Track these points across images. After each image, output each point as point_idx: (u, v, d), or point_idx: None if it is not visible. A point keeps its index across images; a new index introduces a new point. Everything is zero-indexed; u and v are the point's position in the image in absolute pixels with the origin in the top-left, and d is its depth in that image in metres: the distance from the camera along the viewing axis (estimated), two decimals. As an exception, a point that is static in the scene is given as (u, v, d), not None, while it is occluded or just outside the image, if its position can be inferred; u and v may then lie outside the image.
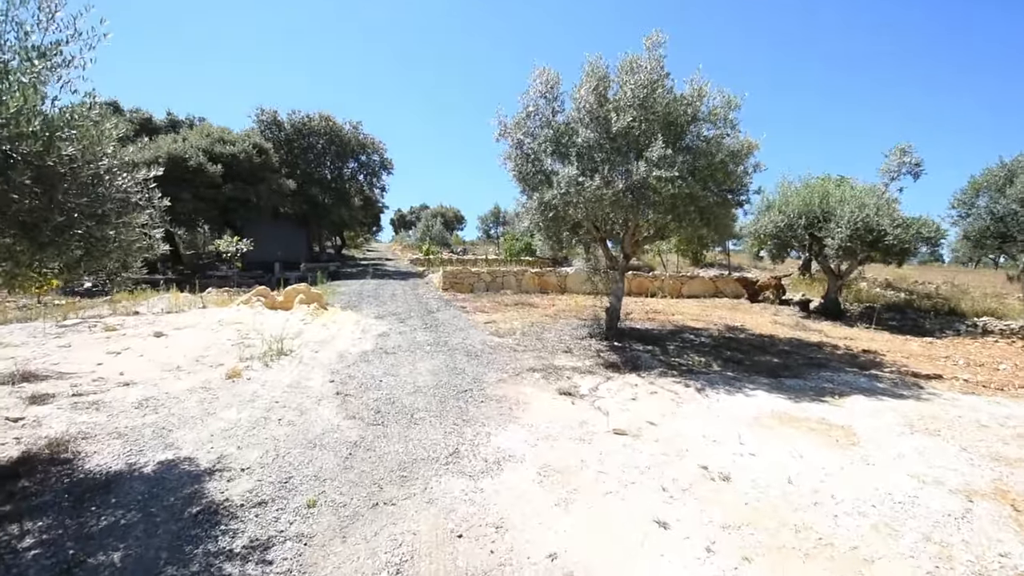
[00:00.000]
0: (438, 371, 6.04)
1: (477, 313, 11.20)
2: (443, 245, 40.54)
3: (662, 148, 6.34)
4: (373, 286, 16.23)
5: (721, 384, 6.07)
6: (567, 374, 6.29)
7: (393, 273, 22.25)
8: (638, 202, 6.85)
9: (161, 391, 4.83)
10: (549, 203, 7.27)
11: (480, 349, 7.41)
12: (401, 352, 7.01)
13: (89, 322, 8.42)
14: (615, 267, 8.79)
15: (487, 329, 9.16)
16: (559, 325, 9.84)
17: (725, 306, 14.48)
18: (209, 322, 8.61)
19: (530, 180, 7.89)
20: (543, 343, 8.10)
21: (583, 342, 8.27)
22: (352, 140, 24.82)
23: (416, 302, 12.50)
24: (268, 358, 6.23)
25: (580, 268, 16.44)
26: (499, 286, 15.35)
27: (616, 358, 7.27)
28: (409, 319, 9.94)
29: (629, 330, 9.40)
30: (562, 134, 7.56)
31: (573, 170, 6.79)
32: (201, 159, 16.68)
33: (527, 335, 8.71)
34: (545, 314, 11.32)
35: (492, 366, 6.45)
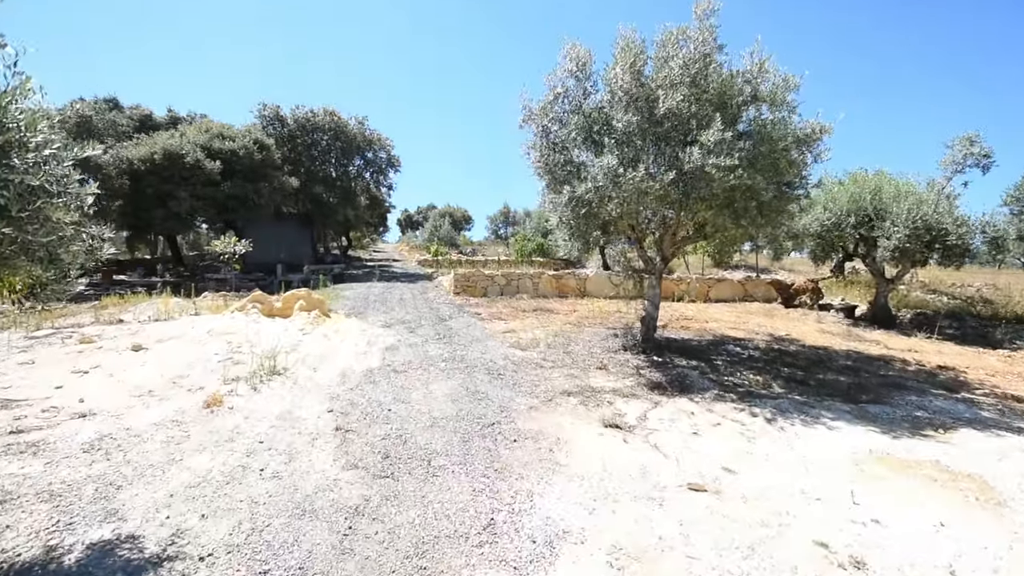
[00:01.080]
0: (457, 396, 5.16)
1: (493, 320, 10.32)
2: (451, 246, 39.74)
3: (720, 131, 5.42)
4: (380, 290, 15.41)
5: (793, 412, 5.14)
6: (607, 398, 5.39)
7: (400, 275, 21.44)
8: (687, 196, 5.93)
9: (122, 426, 3.99)
10: (581, 198, 6.37)
11: (502, 366, 6.52)
12: (412, 370, 6.14)
13: (64, 332, 7.65)
14: (651, 271, 7.87)
15: (507, 340, 8.27)
16: (586, 335, 8.94)
17: (760, 312, 13.50)
18: (197, 333, 7.80)
19: (558, 172, 7.01)
20: (572, 357, 7.21)
21: (617, 356, 7.36)
22: (358, 136, 24.03)
23: (426, 308, 11.64)
24: (258, 379, 5.38)
25: (600, 271, 15.53)
26: (514, 290, 14.47)
27: (660, 376, 6.36)
28: (419, 328, 9.08)
29: (666, 341, 8.47)
30: (595, 120, 6.66)
31: (611, 159, 5.89)
32: (199, 155, 15.96)
33: (553, 347, 7.82)
34: (568, 322, 10.42)
35: (519, 388, 5.56)
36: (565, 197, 6.50)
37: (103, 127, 16.84)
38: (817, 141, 6.00)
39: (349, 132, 23.77)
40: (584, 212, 6.44)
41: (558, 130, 7.13)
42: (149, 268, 23.43)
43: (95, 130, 16.39)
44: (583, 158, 7.05)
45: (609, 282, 15.24)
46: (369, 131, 24.81)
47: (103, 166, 14.85)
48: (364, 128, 24.66)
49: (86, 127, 16.14)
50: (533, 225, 38.55)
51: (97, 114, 16.96)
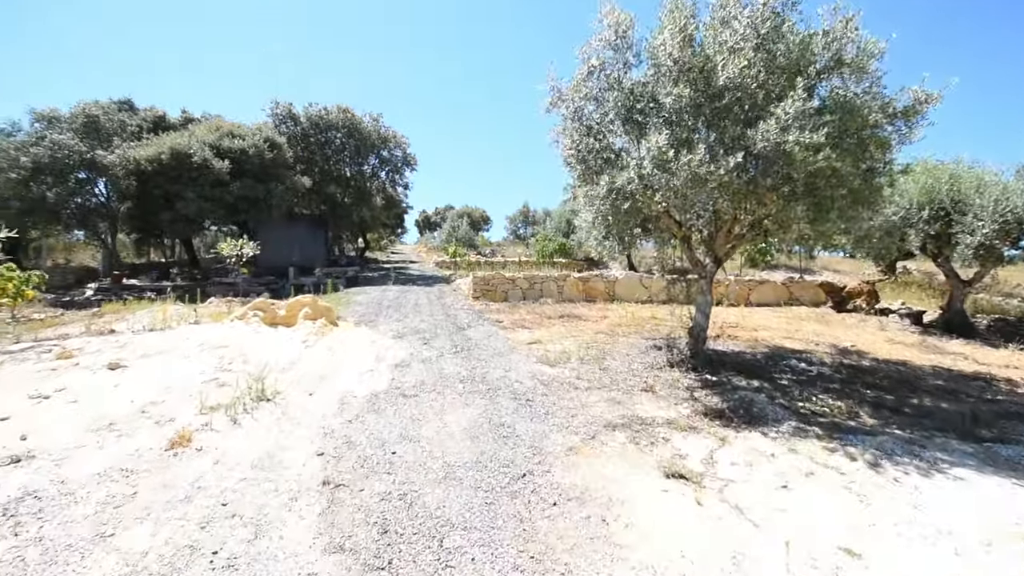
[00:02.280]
0: (477, 430, 4.26)
1: (516, 329, 9.42)
2: (470, 247, 39.00)
3: (802, 100, 4.42)
4: (394, 294, 14.66)
5: (900, 453, 4.10)
6: (662, 433, 4.43)
7: (417, 278, 20.71)
8: (755, 183, 4.93)
9: (58, 477, 3.20)
10: (622, 189, 5.42)
11: (530, 387, 5.61)
12: (424, 394, 5.26)
13: (44, 346, 7.00)
14: (701, 274, 6.86)
15: (533, 353, 7.35)
16: (622, 347, 7.96)
17: (811, 317, 12.29)
18: (189, 346, 7.07)
19: (592, 160, 6.07)
20: (611, 376, 6.25)
21: (663, 374, 6.38)
22: (372, 134, 23.39)
23: (443, 315, 10.80)
24: (241, 407, 4.57)
25: (630, 273, 14.50)
26: (538, 294, 13.54)
27: (719, 402, 5.36)
28: (435, 339, 8.22)
29: (716, 355, 7.43)
30: (638, 96, 5.70)
31: (660, 140, 4.92)
32: (207, 154, 15.44)
33: (586, 363, 6.88)
34: (599, 330, 9.46)
35: (552, 419, 4.63)
36: (603, 189, 5.55)
37: (111, 127, 16.50)
38: (918, 115, 4.93)
39: (363, 130, 23.15)
40: (626, 206, 5.47)
41: (593, 111, 6.20)
42: (163, 272, 23.22)
43: (103, 130, 16.06)
44: (623, 143, 6.12)
45: (640, 285, 14.21)
46: (384, 128, 24.16)
47: (109, 167, 14.46)
48: (379, 125, 24.02)
49: (93, 127, 15.83)
50: (554, 224, 37.58)
51: (105, 114, 16.63)
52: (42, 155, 14.01)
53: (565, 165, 7.22)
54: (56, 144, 14.25)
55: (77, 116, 15.74)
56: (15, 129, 16.01)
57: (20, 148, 14.18)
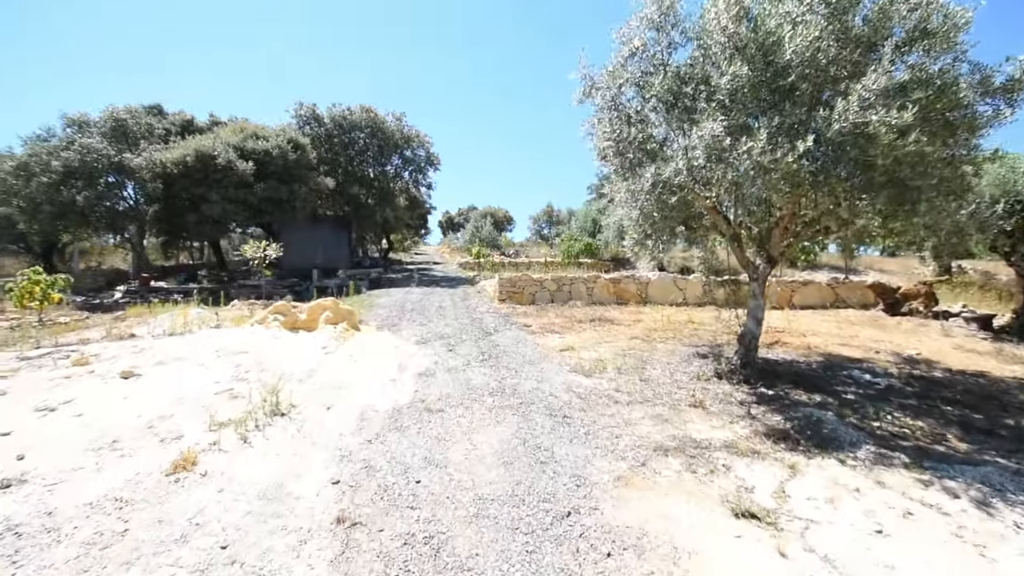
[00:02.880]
0: (511, 454, 3.80)
1: (546, 334, 8.94)
2: (493, 247, 38.66)
3: (887, 74, 3.83)
4: (418, 296, 14.34)
5: (1014, 490, 3.48)
6: (721, 459, 3.90)
7: (441, 279, 20.40)
8: (827, 172, 4.34)
9: (45, 507, 2.88)
10: (669, 182, 4.90)
11: (566, 402, 5.13)
12: (451, 408, 4.83)
13: (63, 351, 6.85)
14: (753, 275, 6.26)
15: (565, 361, 6.87)
16: (661, 354, 7.41)
17: (863, 321, 11.45)
18: (206, 352, 6.83)
19: (632, 152, 5.57)
20: (653, 388, 5.72)
21: (711, 386, 5.82)
22: (396, 133, 23.20)
23: (468, 318, 10.39)
24: (253, 423, 4.22)
25: (663, 274, 13.86)
26: (566, 296, 13.02)
27: (780, 420, 4.78)
28: (460, 345, 7.80)
29: (766, 363, 6.81)
30: (685, 79, 5.16)
31: (714, 126, 4.38)
32: (231, 156, 15.43)
33: (624, 372, 6.35)
34: (634, 336, 8.91)
35: (594, 441, 4.14)
36: (646, 182, 5.04)
37: (139, 131, 16.69)
38: (1021, 91, 4.27)
39: (387, 130, 22.98)
40: (673, 201, 4.94)
41: (632, 98, 5.69)
42: (191, 274, 23.52)
43: (131, 134, 16.24)
44: (666, 132, 5.59)
45: (674, 287, 13.54)
46: (407, 128, 23.96)
47: (136, 170, 14.56)
48: (402, 125, 23.83)
49: (121, 131, 16.02)
50: (579, 224, 36.93)
51: (133, 118, 16.84)
52: (72, 159, 14.21)
53: (599, 159, 6.74)
54: (85, 148, 14.44)
55: (106, 120, 15.96)
56: (50, 135, 16.35)
57: (52, 153, 14.42)
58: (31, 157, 14.33)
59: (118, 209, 15.71)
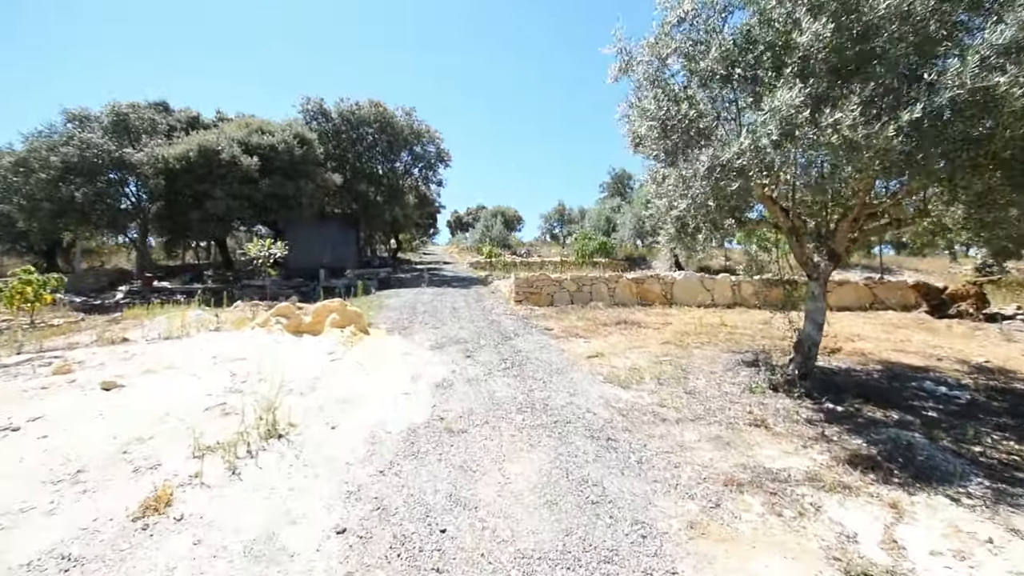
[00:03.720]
0: (554, 490, 3.15)
1: (570, 338, 8.28)
2: (504, 246, 38.05)
3: (1018, 26, 3.13)
4: (429, 297, 13.72)
5: None
6: (807, 495, 3.22)
7: (452, 279, 19.79)
8: (925, 150, 3.64)
9: (-28, 569, 2.27)
10: (729, 165, 4.21)
11: (606, 419, 4.47)
12: (474, 428, 4.19)
13: (46, 357, 6.31)
14: (813, 274, 5.55)
15: (597, 370, 6.21)
16: (700, 362, 6.72)
17: (908, 324, 10.66)
18: (202, 358, 6.25)
19: (679, 133, 4.89)
20: (701, 402, 5.05)
21: (769, 400, 5.13)
22: (405, 128, 22.62)
23: (484, 321, 9.75)
24: (245, 447, 3.61)
25: (689, 273, 13.13)
26: (586, 297, 12.34)
27: (861, 444, 4.09)
28: (479, 350, 7.17)
29: (822, 373, 6.10)
30: (748, 44, 4.47)
31: (791, 96, 3.69)
32: (235, 151, 14.92)
33: (665, 383, 5.68)
34: (664, 340, 8.22)
35: (650, 471, 3.48)
36: (701, 167, 4.36)
37: (141, 126, 16.24)
38: None
39: (396, 125, 22.41)
40: (735, 187, 4.25)
41: (678, 71, 5.02)
42: (197, 274, 23.13)
43: (133, 129, 15.80)
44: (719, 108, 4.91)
45: (701, 287, 12.82)
46: (417, 123, 23.36)
47: (137, 165, 14.10)
48: (412, 120, 23.24)
49: (123, 126, 15.58)
50: (592, 223, 36.23)
51: (135, 113, 16.41)
52: (71, 154, 13.77)
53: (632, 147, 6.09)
54: (85, 143, 14.01)
55: (107, 115, 15.53)
56: (52, 131, 15.96)
57: (51, 148, 14.00)
58: (30, 153, 13.93)
59: (119, 207, 15.28)
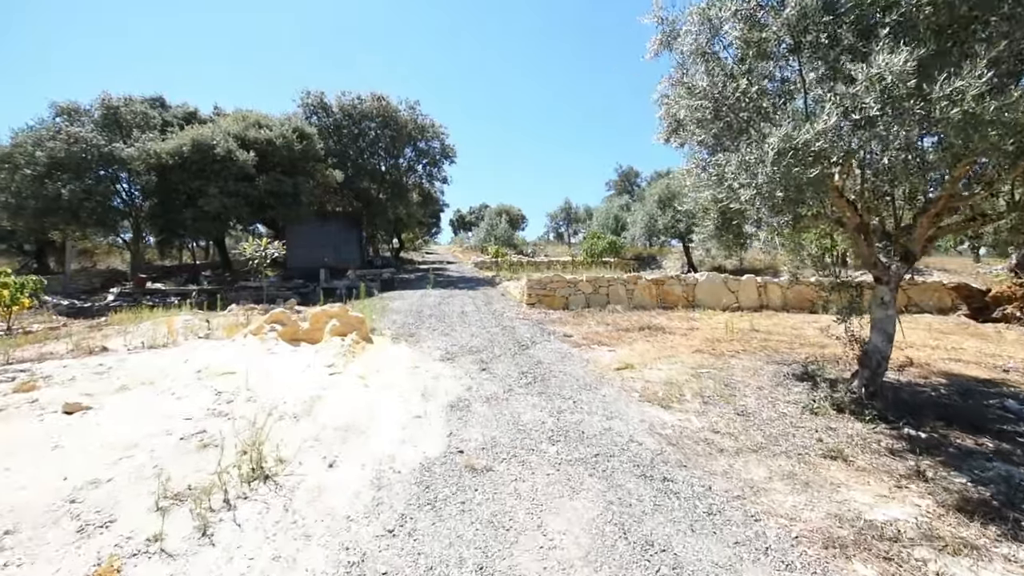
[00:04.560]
0: (613, 560, 2.48)
1: (592, 346, 7.61)
2: (509, 246, 37.37)
3: None
4: (435, 299, 13.06)
5: None
6: (930, 562, 2.54)
7: (458, 280, 19.13)
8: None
9: None
10: (807, 148, 3.52)
11: (654, 450, 3.79)
12: (501, 464, 3.51)
13: (9, 372, 5.65)
14: (883, 277, 4.86)
15: (629, 385, 5.54)
16: (741, 374, 6.05)
17: (951, 329, 9.93)
18: (185, 372, 5.59)
19: (736, 114, 4.22)
20: (759, 425, 4.38)
21: (837, 423, 4.44)
22: (409, 123, 21.92)
23: (497, 326, 9.07)
24: (222, 496, 2.94)
25: (712, 274, 12.41)
26: (603, 299, 11.65)
27: (967, 484, 3.40)
28: (495, 361, 6.50)
29: (886, 388, 5.40)
30: (831, 2, 3.77)
31: (898, 62, 3.00)
32: (231, 145, 14.27)
33: (711, 402, 5.00)
34: (695, 348, 7.54)
35: (725, 527, 2.80)
36: (770, 150, 3.66)
37: (133, 120, 15.61)
38: None
39: (399, 119, 21.72)
40: (814, 174, 3.55)
41: (738, 40, 4.32)
42: (194, 274, 22.52)
43: (124, 123, 15.16)
44: (780, 84, 4.23)
45: (725, 289, 12.12)
46: (421, 117, 22.64)
47: (127, 161, 13.47)
48: (416, 114, 22.53)
49: (114, 120, 14.95)
50: (600, 221, 35.52)
51: (127, 106, 15.79)
52: (58, 149, 13.13)
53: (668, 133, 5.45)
54: (72, 137, 13.37)
55: (97, 108, 14.92)
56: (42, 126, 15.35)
57: (37, 143, 13.38)
58: (15, 148, 13.31)
59: (110, 205, 14.65)
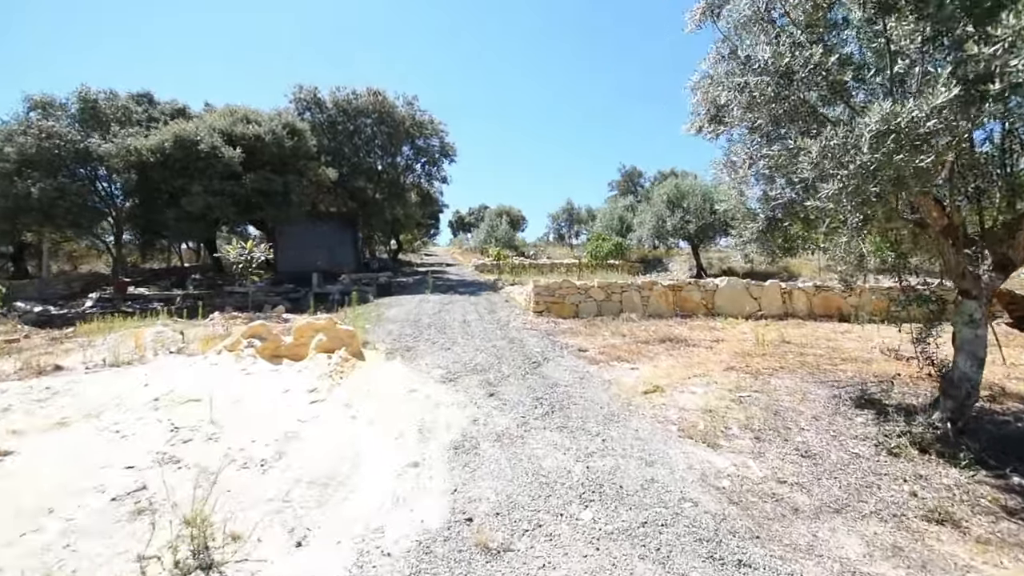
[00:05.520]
0: None
1: (611, 363, 6.84)
2: (510, 247, 36.56)
3: None
4: (435, 306, 12.27)
5: None
6: None
7: (458, 284, 18.34)
8: None
9: None
10: (912, 128, 2.75)
11: (718, 517, 3.01)
12: (521, 539, 2.73)
13: (-65, 400, 4.86)
14: (972, 290, 4.09)
15: (662, 412, 4.78)
16: (787, 397, 5.29)
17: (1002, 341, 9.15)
18: (141, 400, 4.81)
19: (805, 91, 3.45)
20: (829, 471, 3.62)
21: (927, 471, 3.66)
22: (406, 119, 21.10)
23: (503, 338, 8.29)
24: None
25: (734, 280, 11.62)
26: (616, 307, 10.86)
27: None
28: (504, 383, 5.72)
29: (979, 419, 4.62)
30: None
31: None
32: (216, 141, 13.47)
33: (763, 437, 4.24)
34: (727, 364, 6.78)
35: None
36: (866, 132, 2.88)
37: (113, 114, 14.81)
38: None
39: (396, 116, 20.91)
40: (927, 161, 2.78)
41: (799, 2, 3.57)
42: (180, 278, 21.71)
43: (103, 117, 14.37)
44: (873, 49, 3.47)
45: (747, 295, 11.34)
46: (419, 113, 21.82)
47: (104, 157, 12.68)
48: (414, 110, 21.71)
49: (92, 114, 14.16)
50: (604, 223, 34.73)
51: (107, 99, 14.99)
52: (28, 145, 12.33)
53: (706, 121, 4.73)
54: (44, 132, 12.56)
55: (74, 102, 14.13)
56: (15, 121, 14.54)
57: (7, 138, 12.59)
58: (-15, 143, 12.52)
59: (86, 204, 13.85)
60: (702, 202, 21.42)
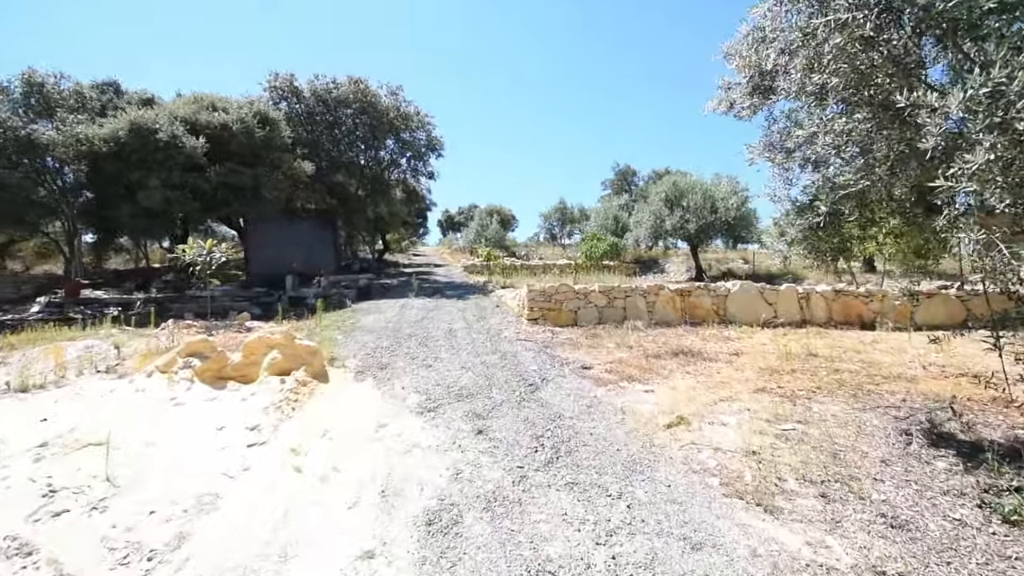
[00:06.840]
0: None
1: (621, 383, 5.89)
2: (500, 247, 35.58)
3: None
4: (418, 312, 11.23)
5: None
6: None
7: (445, 287, 17.29)
8: None
9: None
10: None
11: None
12: None
13: None
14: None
15: (693, 455, 3.83)
16: (838, 431, 4.39)
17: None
18: (21, 448, 3.75)
19: (919, 35, 2.50)
20: (931, 547, 2.71)
21: None
22: (390, 110, 19.96)
23: (494, 353, 7.29)
24: None
25: (748, 284, 10.72)
26: (619, 314, 9.91)
27: None
28: (495, 415, 4.73)
29: None
30: None
31: None
32: (177, 131, 12.31)
33: (831, 496, 3.29)
34: (753, 383, 5.91)
35: None
36: (983, 103, 1.93)
37: (65, 100, 13.60)
38: None
39: (380, 106, 19.79)
40: None
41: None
42: (145, 280, 20.44)
43: (52, 102, 13.15)
44: None
45: (761, 300, 10.45)
46: (405, 104, 20.69)
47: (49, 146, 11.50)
48: (398, 101, 20.58)
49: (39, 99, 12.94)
50: (599, 222, 33.89)
51: (56, 83, 13.76)
52: (-42, 132, 11.15)
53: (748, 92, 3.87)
54: (-26, 118, 11.36)
55: (17, 85, 12.90)
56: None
57: (-64, 125, 11.36)
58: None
59: (29, 198, 12.63)
60: (702, 201, 20.58)
